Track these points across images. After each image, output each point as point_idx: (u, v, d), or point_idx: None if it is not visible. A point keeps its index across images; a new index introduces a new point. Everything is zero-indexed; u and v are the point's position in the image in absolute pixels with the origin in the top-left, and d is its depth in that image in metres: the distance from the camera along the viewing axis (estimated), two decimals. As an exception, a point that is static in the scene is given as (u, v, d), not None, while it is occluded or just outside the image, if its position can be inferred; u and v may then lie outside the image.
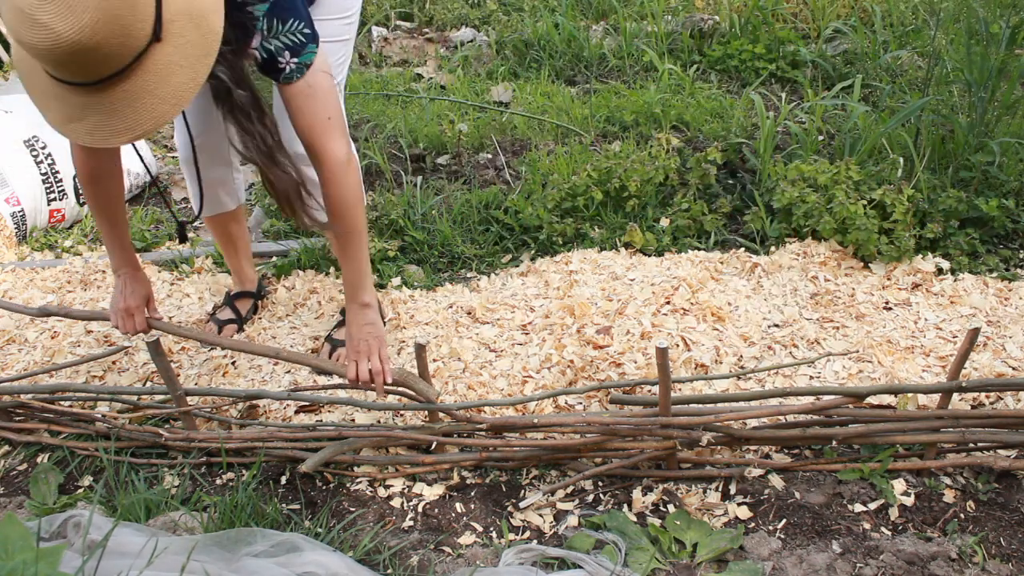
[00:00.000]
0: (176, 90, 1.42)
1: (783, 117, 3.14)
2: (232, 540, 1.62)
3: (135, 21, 1.33)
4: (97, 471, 2.01)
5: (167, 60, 1.40)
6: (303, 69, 1.67)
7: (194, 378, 2.26)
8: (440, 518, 1.84)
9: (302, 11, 1.65)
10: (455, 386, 2.14)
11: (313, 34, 1.67)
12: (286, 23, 1.62)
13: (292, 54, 1.65)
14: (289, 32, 1.63)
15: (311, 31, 1.66)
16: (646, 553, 1.67)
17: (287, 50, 1.65)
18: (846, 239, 2.53)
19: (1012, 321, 2.25)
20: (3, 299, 2.34)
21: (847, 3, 4.31)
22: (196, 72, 1.44)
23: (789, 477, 1.87)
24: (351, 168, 1.78)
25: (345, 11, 1.97)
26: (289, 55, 1.65)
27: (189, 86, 1.44)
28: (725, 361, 2.14)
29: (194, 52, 1.43)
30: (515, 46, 4.48)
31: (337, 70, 1.97)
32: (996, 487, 1.80)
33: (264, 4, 1.59)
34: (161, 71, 1.40)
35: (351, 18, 2.00)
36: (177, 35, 1.40)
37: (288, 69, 1.66)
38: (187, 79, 1.43)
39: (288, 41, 1.64)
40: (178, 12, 1.39)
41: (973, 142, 2.80)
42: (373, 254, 2.76)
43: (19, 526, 1.11)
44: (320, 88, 1.70)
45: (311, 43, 1.66)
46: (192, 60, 1.43)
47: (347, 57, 2.03)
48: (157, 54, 1.39)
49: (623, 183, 2.84)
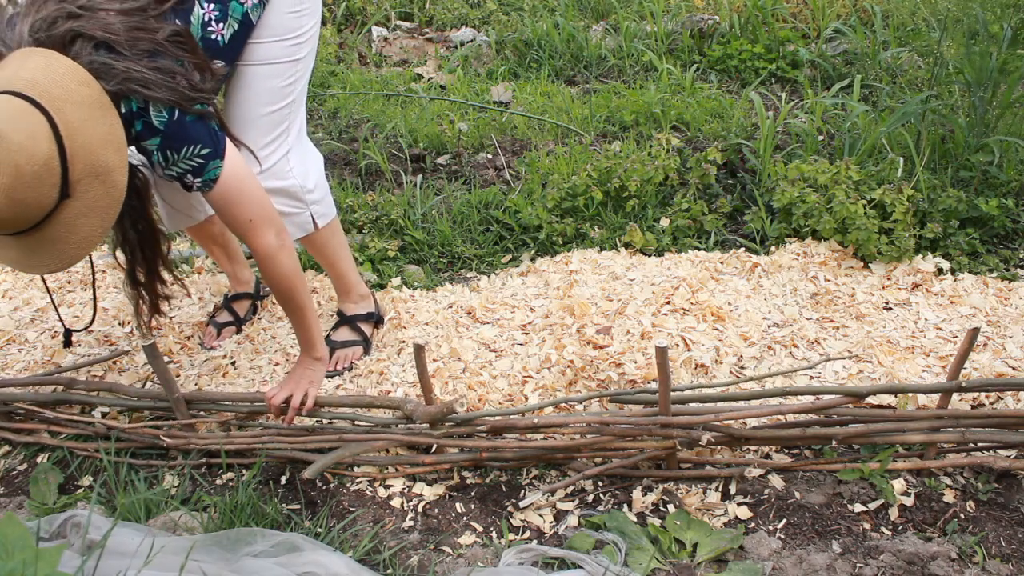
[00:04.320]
0: (87, 236, 1.57)
1: (783, 117, 3.14)
2: (232, 540, 1.62)
3: (40, 196, 1.48)
4: (97, 471, 2.01)
5: (75, 212, 1.54)
6: (210, 184, 1.75)
7: (194, 378, 2.26)
8: (440, 518, 1.84)
9: (196, 133, 1.69)
10: (455, 386, 2.14)
11: (213, 151, 1.72)
12: (180, 152, 1.69)
13: (195, 175, 1.73)
14: (185, 159, 1.70)
15: (211, 148, 1.71)
16: (646, 553, 1.67)
17: (189, 173, 1.72)
18: (846, 239, 2.53)
19: (1012, 321, 2.25)
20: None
21: (847, 3, 4.31)
22: (104, 220, 1.58)
23: (789, 477, 1.87)
24: (282, 255, 1.86)
25: (292, 31, 1.93)
26: (192, 176, 1.73)
27: (97, 232, 1.58)
28: (725, 361, 2.14)
29: (100, 204, 1.56)
30: (515, 46, 4.48)
31: (288, 90, 1.97)
32: (996, 487, 1.80)
33: (155, 138, 1.66)
34: (71, 222, 1.54)
35: (301, 38, 1.95)
36: (84, 191, 1.54)
37: (195, 186, 1.75)
38: (96, 226, 1.57)
39: (187, 166, 1.71)
40: (84, 172, 1.52)
41: (973, 142, 2.80)
42: (373, 254, 2.76)
43: (19, 526, 1.11)
44: (233, 195, 1.78)
45: (212, 160, 1.73)
46: (99, 211, 1.57)
47: (301, 75, 2.00)
48: (67, 208, 1.53)
49: (623, 183, 2.84)
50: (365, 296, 2.36)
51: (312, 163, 2.13)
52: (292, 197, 2.06)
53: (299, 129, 2.08)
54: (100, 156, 1.53)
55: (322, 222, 2.15)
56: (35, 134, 1.45)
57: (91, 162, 1.52)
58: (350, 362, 2.28)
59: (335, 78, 4.27)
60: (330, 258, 2.26)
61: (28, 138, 1.44)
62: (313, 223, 2.13)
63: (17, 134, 1.42)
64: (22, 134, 1.43)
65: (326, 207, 2.16)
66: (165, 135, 1.65)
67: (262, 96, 1.94)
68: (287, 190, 2.04)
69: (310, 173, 2.10)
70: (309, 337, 2.00)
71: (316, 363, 2.01)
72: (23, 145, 1.43)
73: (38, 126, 1.46)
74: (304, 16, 1.94)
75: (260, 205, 1.82)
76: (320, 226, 2.15)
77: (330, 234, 2.20)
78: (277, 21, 1.90)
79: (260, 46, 1.90)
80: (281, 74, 1.95)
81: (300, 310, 1.96)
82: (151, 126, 1.64)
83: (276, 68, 1.94)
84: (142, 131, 1.65)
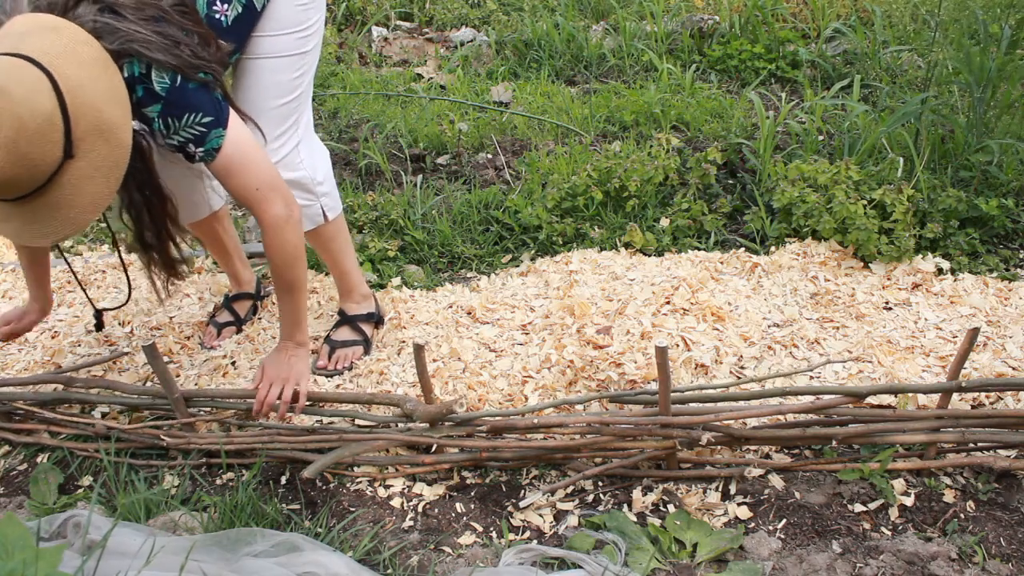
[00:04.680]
0: (92, 199, 1.53)
1: (783, 117, 3.14)
2: (232, 540, 1.62)
3: (44, 152, 1.44)
4: (97, 471, 2.01)
5: (80, 174, 1.50)
6: (212, 154, 1.72)
7: (194, 378, 2.26)
8: (440, 518, 1.84)
9: (198, 101, 1.67)
10: (455, 386, 2.14)
11: (216, 119, 1.70)
12: (182, 119, 1.66)
13: (196, 144, 1.70)
14: (187, 127, 1.67)
15: (213, 116, 1.69)
16: (646, 553, 1.67)
17: (190, 142, 1.70)
18: (846, 239, 2.53)
19: (1012, 321, 2.25)
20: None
21: (847, 3, 4.31)
22: (109, 181, 1.54)
23: (789, 477, 1.87)
24: (289, 226, 1.82)
25: (299, 24, 1.93)
26: (194, 146, 1.70)
27: (104, 194, 1.54)
28: (725, 361, 2.14)
29: (106, 164, 1.53)
30: (515, 46, 4.48)
31: (296, 83, 1.98)
32: (996, 487, 1.80)
33: (157, 104, 1.64)
34: (76, 184, 1.50)
35: (308, 31, 1.96)
36: (88, 150, 1.50)
37: (198, 156, 1.72)
38: (101, 188, 1.53)
39: (188, 135, 1.68)
40: (87, 130, 1.49)
41: (973, 142, 2.80)
42: (373, 254, 2.77)
43: (19, 526, 1.11)
44: (238, 165, 1.75)
45: (214, 128, 1.70)
46: (104, 171, 1.53)
47: (308, 68, 2.01)
48: (71, 169, 1.49)
49: (623, 183, 2.84)
50: (367, 296, 2.37)
51: (320, 157, 2.15)
52: (303, 188, 2.07)
53: (307, 122, 2.09)
54: (104, 113, 1.51)
55: (331, 215, 2.16)
56: (37, 88, 1.43)
57: (94, 119, 1.50)
58: (350, 362, 2.28)
59: (335, 78, 4.27)
60: (335, 255, 2.26)
61: (30, 92, 1.42)
62: (323, 215, 2.14)
63: (19, 88, 1.40)
64: (23, 88, 1.41)
65: (334, 200, 2.18)
66: (167, 101, 1.63)
67: (271, 89, 1.95)
68: (298, 181, 2.05)
69: (319, 166, 2.12)
70: (296, 319, 1.96)
71: (299, 349, 1.97)
72: (26, 98, 1.40)
73: (39, 82, 1.44)
74: (311, 10, 1.95)
75: (267, 173, 1.80)
76: (330, 218, 2.16)
77: (336, 229, 2.21)
78: (284, 14, 1.91)
79: (268, 39, 1.91)
80: (289, 67, 1.95)
81: (296, 288, 1.92)
82: (152, 92, 1.62)
83: (284, 61, 1.94)
84: (143, 97, 1.62)
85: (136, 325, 2.47)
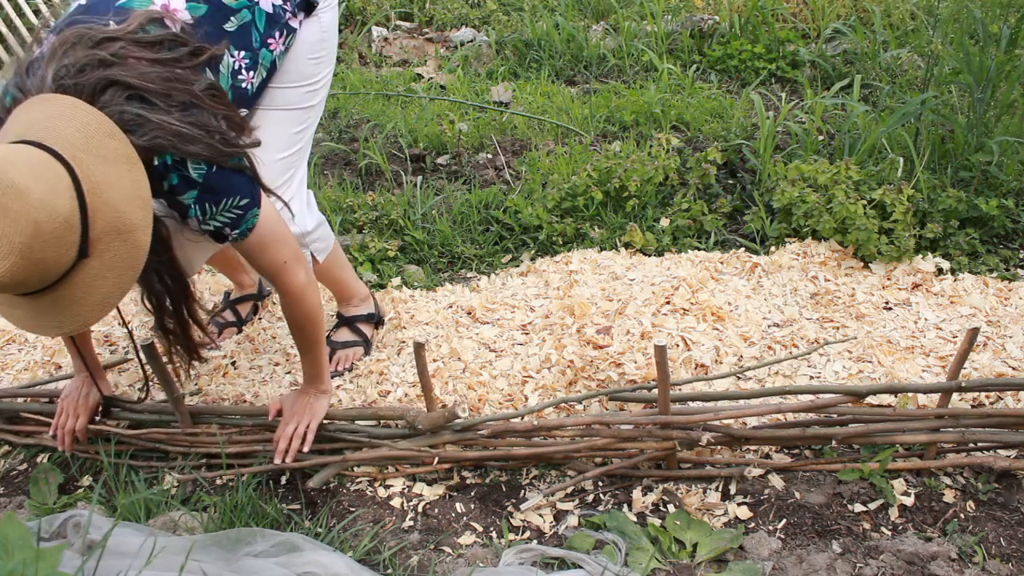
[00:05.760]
0: (103, 298, 1.44)
1: (783, 117, 3.14)
2: (232, 540, 1.63)
3: (59, 255, 1.35)
4: (97, 471, 2.01)
5: (93, 273, 1.41)
6: (247, 234, 1.67)
7: (194, 378, 2.26)
8: (440, 518, 1.84)
9: (234, 185, 1.60)
10: (455, 386, 2.14)
11: (252, 200, 1.64)
12: (219, 204, 1.59)
13: (232, 227, 1.64)
14: (224, 211, 1.61)
15: (249, 198, 1.63)
16: (646, 553, 1.67)
17: (227, 226, 1.63)
18: (846, 239, 2.53)
19: (1012, 321, 2.25)
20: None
21: (847, 3, 4.31)
22: (122, 281, 1.45)
23: (789, 477, 1.87)
24: (308, 291, 1.81)
25: (308, 78, 1.91)
26: (230, 229, 1.64)
27: (116, 294, 1.45)
28: (725, 361, 2.14)
29: (121, 264, 1.43)
30: (515, 46, 4.48)
31: (297, 137, 1.96)
32: (996, 487, 1.80)
33: (193, 191, 1.56)
34: (87, 283, 1.41)
35: (316, 85, 1.94)
36: (104, 251, 1.41)
37: (231, 237, 1.66)
38: (113, 288, 1.44)
39: (226, 219, 1.62)
40: (105, 230, 1.40)
41: (973, 142, 2.80)
42: (373, 254, 2.77)
43: (19, 526, 1.11)
44: (269, 241, 1.71)
45: (251, 210, 1.64)
46: (119, 271, 1.43)
47: (311, 124, 1.99)
48: (83, 269, 1.40)
49: (623, 183, 2.84)
50: (365, 298, 2.37)
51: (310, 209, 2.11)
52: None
53: (301, 178, 2.04)
54: (124, 213, 1.41)
55: (322, 256, 2.15)
56: (56, 188, 1.32)
57: (113, 219, 1.40)
58: (350, 362, 2.29)
59: (335, 78, 4.26)
60: (331, 281, 2.28)
61: (49, 192, 1.31)
62: (313, 259, 2.13)
63: (38, 188, 1.30)
64: (43, 189, 1.30)
65: (325, 243, 2.15)
66: (204, 187, 1.56)
67: (271, 143, 1.87)
68: None
69: (308, 220, 2.08)
70: (318, 372, 1.94)
71: (322, 396, 1.95)
72: (44, 201, 1.30)
73: (60, 180, 1.34)
74: (322, 63, 1.94)
75: (292, 246, 1.77)
76: (320, 260, 2.15)
77: (329, 264, 2.20)
78: (296, 67, 1.88)
79: (277, 91, 1.88)
80: (293, 121, 1.93)
81: (316, 344, 1.91)
82: (188, 179, 1.54)
83: (289, 115, 1.92)
84: (177, 184, 1.54)
85: (136, 325, 2.47)
